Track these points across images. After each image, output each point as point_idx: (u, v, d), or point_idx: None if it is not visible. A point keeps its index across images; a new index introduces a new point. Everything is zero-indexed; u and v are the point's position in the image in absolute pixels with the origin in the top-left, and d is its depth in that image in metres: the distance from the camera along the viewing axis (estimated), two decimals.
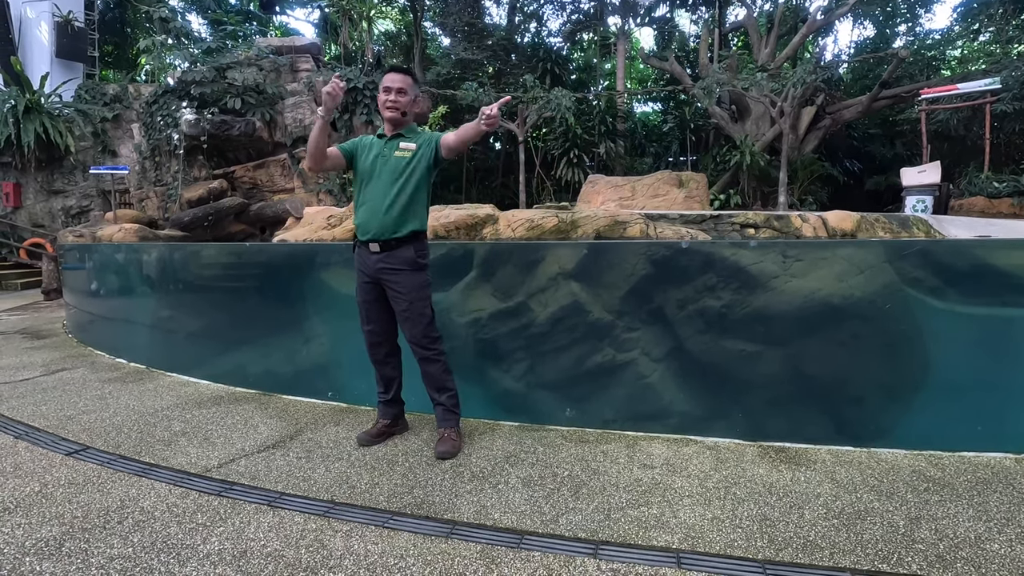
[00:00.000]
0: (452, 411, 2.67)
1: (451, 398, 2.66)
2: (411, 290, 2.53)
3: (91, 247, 5.86)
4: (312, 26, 23.63)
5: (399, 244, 2.52)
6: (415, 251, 2.54)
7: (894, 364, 2.61)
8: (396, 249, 2.52)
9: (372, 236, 2.53)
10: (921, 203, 8.99)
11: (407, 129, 2.62)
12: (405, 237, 2.52)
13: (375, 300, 2.63)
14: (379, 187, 2.54)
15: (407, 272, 2.52)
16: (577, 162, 15.14)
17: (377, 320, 2.65)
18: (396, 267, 2.52)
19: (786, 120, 12.69)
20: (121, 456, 2.60)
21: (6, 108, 11.47)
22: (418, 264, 2.55)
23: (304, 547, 1.82)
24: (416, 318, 2.55)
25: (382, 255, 2.53)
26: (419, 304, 2.55)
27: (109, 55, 18.03)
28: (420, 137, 2.61)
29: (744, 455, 2.53)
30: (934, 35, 17.99)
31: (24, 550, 1.81)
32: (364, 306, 2.66)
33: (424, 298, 2.58)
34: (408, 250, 2.53)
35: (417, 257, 2.55)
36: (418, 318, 2.55)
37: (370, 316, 2.65)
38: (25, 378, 4.06)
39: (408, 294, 2.53)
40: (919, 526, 1.91)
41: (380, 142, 2.62)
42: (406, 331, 2.60)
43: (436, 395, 2.66)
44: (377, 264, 2.55)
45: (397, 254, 2.52)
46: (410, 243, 2.53)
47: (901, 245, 2.77)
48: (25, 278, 11.32)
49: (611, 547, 1.82)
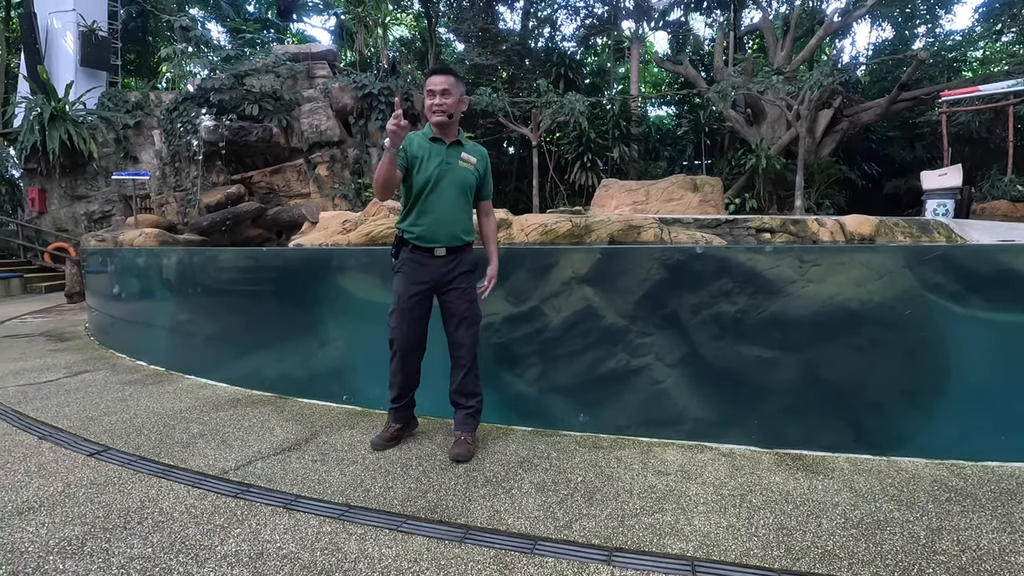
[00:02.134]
0: (475, 417, 2.68)
1: (479, 403, 2.69)
2: (471, 290, 2.63)
3: (112, 251, 5.98)
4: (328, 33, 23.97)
5: (463, 250, 2.62)
6: (471, 255, 2.67)
7: (914, 371, 2.57)
8: (461, 254, 2.61)
9: (441, 244, 2.55)
10: (942, 207, 8.83)
11: (460, 135, 2.63)
12: (467, 245, 2.64)
13: (425, 306, 2.63)
14: (448, 197, 2.53)
15: (470, 274, 2.63)
16: (591, 166, 15.13)
17: (420, 327, 2.65)
18: (463, 270, 2.61)
19: (803, 123, 12.56)
20: (141, 457, 2.65)
21: (32, 116, 11.77)
22: (476, 266, 2.67)
23: (319, 550, 1.84)
24: (476, 318, 2.65)
25: (447, 258, 2.57)
26: (476, 305, 2.66)
27: (131, 63, 18.43)
28: (476, 152, 2.65)
29: (760, 462, 2.50)
30: (955, 36, 17.71)
31: (48, 549, 1.85)
32: (409, 313, 2.58)
33: (477, 299, 2.68)
34: (469, 253, 2.65)
35: (474, 264, 2.67)
36: (476, 318, 2.65)
37: (417, 322, 2.62)
38: (49, 380, 4.16)
39: (470, 293, 2.62)
40: (941, 537, 1.87)
41: (440, 148, 2.54)
42: (464, 334, 2.61)
43: (466, 400, 2.67)
44: (443, 268, 2.57)
45: (462, 258, 2.61)
46: (470, 248, 2.67)
47: (921, 250, 2.72)
48: (49, 281, 11.59)
49: (625, 554, 1.81)
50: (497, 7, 19.88)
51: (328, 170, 12.37)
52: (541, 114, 14.38)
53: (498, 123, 15.71)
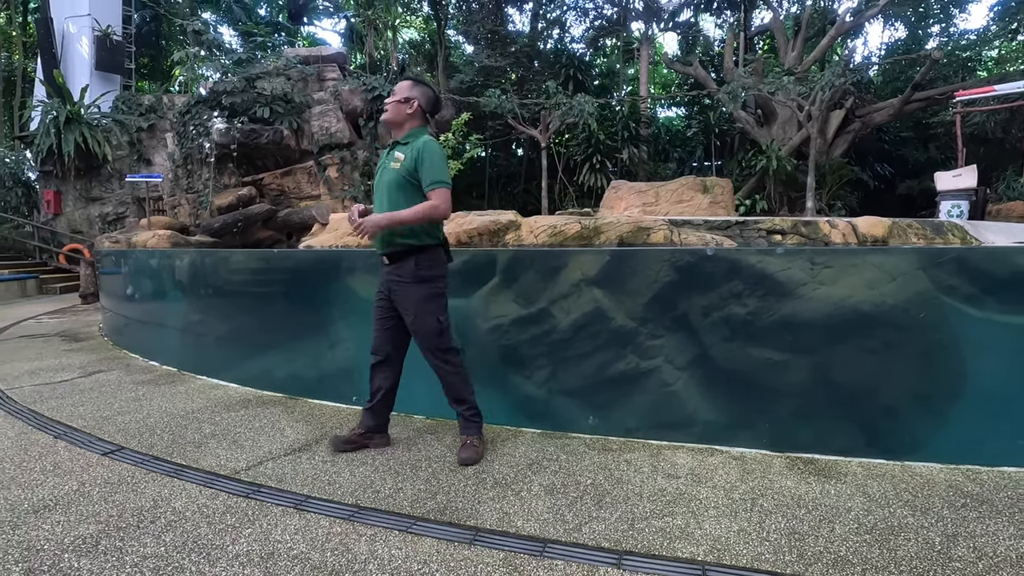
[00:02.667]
0: (472, 420, 2.66)
1: (469, 409, 2.66)
2: (415, 302, 2.53)
3: (125, 253, 6.06)
4: (338, 36, 24.13)
5: (401, 257, 2.54)
6: (416, 264, 2.53)
7: (929, 374, 2.53)
8: (400, 262, 2.54)
9: (379, 249, 2.60)
10: (956, 208, 8.71)
11: (406, 135, 2.59)
12: (407, 250, 2.53)
13: (384, 310, 2.66)
14: (379, 200, 2.58)
15: (409, 284, 2.53)
16: (600, 168, 15.10)
17: (381, 330, 2.68)
18: (400, 280, 2.54)
19: (814, 124, 12.47)
20: (154, 457, 2.68)
21: (49, 119, 11.94)
22: (419, 276, 2.53)
23: (329, 550, 1.85)
24: (423, 330, 2.56)
25: (390, 267, 2.58)
26: (424, 316, 2.54)
27: (145, 67, 18.66)
28: (413, 147, 2.52)
29: (771, 466, 2.48)
30: (969, 35, 17.49)
31: (63, 547, 1.87)
32: (375, 313, 2.71)
33: (429, 311, 2.55)
34: (409, 263, 2.53)
35: (418, 270, 2.53)
36: (425, 330, 2.55)
37: (377, 324, 2.69)
38: (64, 379, 4.21)
39: (412, 306, 2.54)
40: (956, 543, 1.85)
41: (386, 152, 2.67)
42: (418, 342, 2.62)
43: (455, 405, 2.67)
44: (386, 276, 2.61)
45: (402, 267, 2.54)
46: (411, 255, 2.53)
47: (936, 252, 2.69)
48: (64, 282, 11.74)
49: (635, 557, 1.81)
50: (506, 9, 19.92)
51: (338, 172, 12.45)
52: (550, 116, 14.39)
53: (507, 125, 15.74)
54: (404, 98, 2.57)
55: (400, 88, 2.61)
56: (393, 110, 2.58)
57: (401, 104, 2.57)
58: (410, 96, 2.58)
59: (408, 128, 2.59)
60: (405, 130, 2.59)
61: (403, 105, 2.57)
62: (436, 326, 2.56)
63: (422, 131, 2.61)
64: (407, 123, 2.59)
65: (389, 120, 2.61)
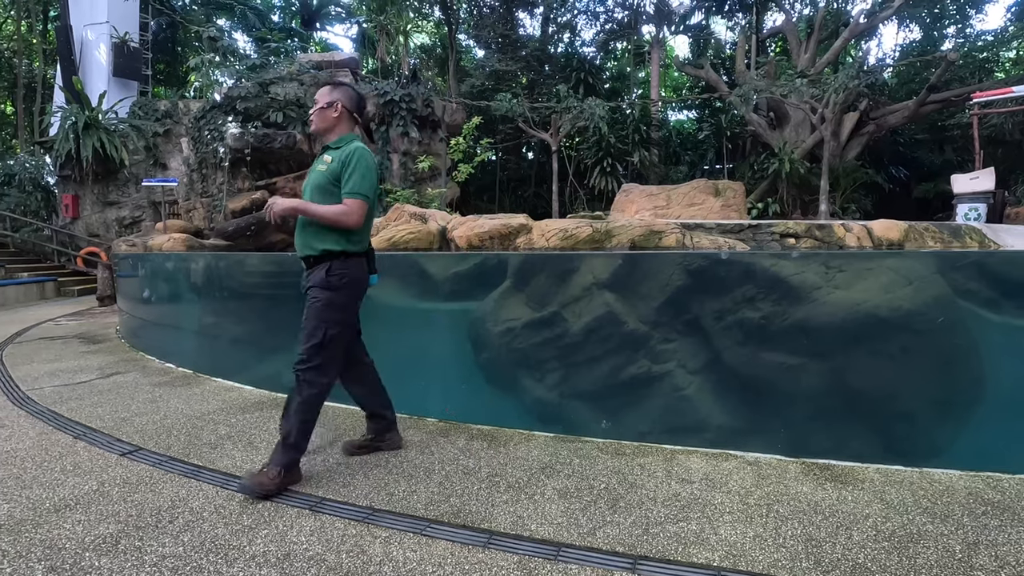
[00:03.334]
0: (285, 450, 2.34)
1: (292, 437, 2.34)
2: (312, 305, 2.41)
3: (142, 256, 6.15)
4: (350, 41, 24.36)
5: (315, 263, 2.44)
6: (327, 272, 2.40)
7: (947, 379, 2.50)
8: (314, 268, 2.44)
9: (298, 254, 2.50)
10: (974, 211, 8.59)
11: (337, 140, 2.50)
12: (319, 256, 2.42)
13: None
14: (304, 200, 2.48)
15: (317, 289, 2.41)
16: (610, 171, 15.08)
17: None
18: (311, 285, 2.44)
19: (827, 126, 12.36)
20: (171, 457, 2.71)
21: (67, 125, 12.15)
22: (328, 284, 2.39)
23: (344, 552, 1.86)
24: (306, 334, 2.39)
25: (306, 273, 2.49)
26: (314, 321, 2.39)
27: (161, 73, 18.96)
28: (342, 151, 2.44)
29: (787, 472, 2.46)
30: (986, 36, 17.26)
31: (84, 546, 1.90)
32: None
33: (322, 319, 2.38)
34: (322, 270, 2.41)
35: (329, 277, 2.40)
36: (308, 335, 2.38)
37: None
38: (82, 381, 4.28)
39: (308, 308, 2.42)
40: (977, 552, 1.82)
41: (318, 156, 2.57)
42: (300, 345, 2.42)
43: (283, 423, 2.39)
44: (304, 282, 2.50)
45: (315, 272, 2.43)
46: (325, 262, 2.42)
47: (954, 256, 2.66)
48: (81, 285, 11.93)
49: (650, 562, 1.80)
50: (517, 13, 19.99)
51: None
52: (561, 119, 14.41)
53: (518, 128, 15.78)
54: (327, 103, 2.49)
55: (321, 95, 2.52)
56: (318, 118, 2.50)
57: (325, 110, 2.49)
58: (332, 100, 2.50)
59: (338, 133, 2.51)
60: (336, 135, 2.51)
61: (327, 111, 2.49)
62: (320, 337, 2.37)
63: (353, 137, 2.53)
64: (336, 128, 2.51)
65: (317, 129, 2.54)
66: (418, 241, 4.43)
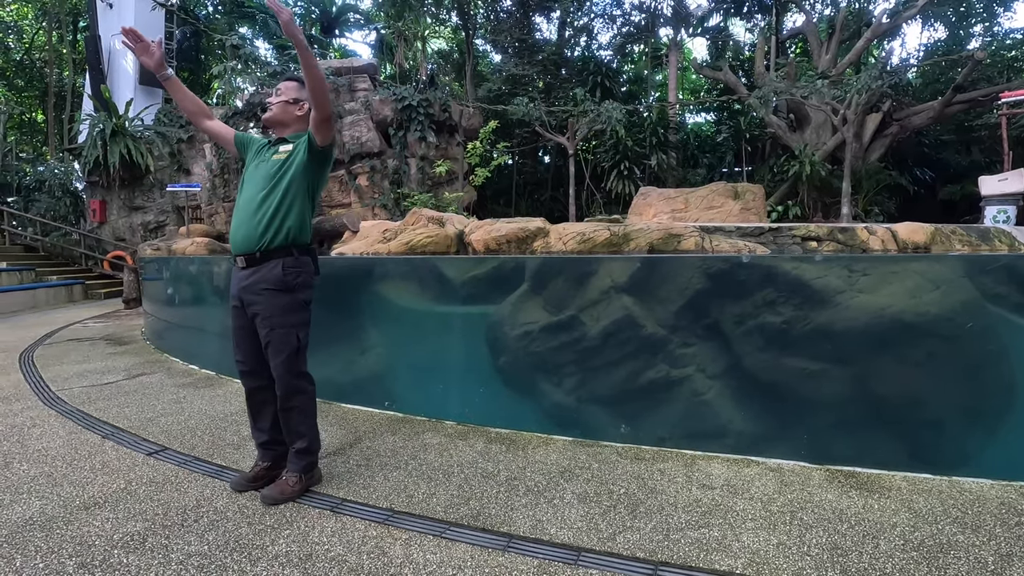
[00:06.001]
0: (300, 456, 2.32)
1: (306, 444, 2.32)
2: (274, 313, 2.22)
3: (166, 260, 6.28)
4: (369, 47, 24.63)
5: (265, 259, 2.23)
6: (283, 268, 2.23)
7: (976, 386, 2.44)
8: (262, 264, 2.23)
9: (237, 249, 2.26)
10: (1003, 213, 8.37)
11: (292, 135, 2.38)
12: (272, 251, 2.22)
13: (242, 326, 2.31)
14: (250, 192, 2.29)
15: (271, 292, 2.21)
16: (628, 174, 15.01)
17: (245, 349, 2.33)
18: (260, 286, 2.22)
19: (849, 128, 12.16)
20: (196, 458, 2.76)
21: (96, 132, 12.49)
22: (286, 284, 2.23)
23: (366, 553, 1.87)
24: (279, 347, 2.23)
25: (248, 271, 2.25)
26: (282, 331, 2.22)
27: (185, 81, 19.29)
28: (300, 141, 2.31)
29: (810, 478, 2.42)
30: (1015, 34, 16.85)
31: (112, 543, 1.94)
32: (234, 332, 2.34)
33: (290, 324, 2.24)
34: (276, 266, 2.22)
35: (285, 275, 2.23)
36: (282, 347, 2.23)
37: (238, 343, 2.34)
38: (109, 382, 4.38)
39: (270, 318, 2.21)
40: (1011, 564, 1.77)
41: (265, 144, 2.42)
42: (271, 360, 2.26)
43: (288, 438, 2.34)
44: (242, 283, 2.26)
45: (262, 271, 2.22)
46: (278, 258, 2.23)
47: (983, 259, 2.60)
48: (108, 288, 12.22)
49: (671, 569, 1.78)
50: (534, 18, 20.03)
51: (368, 180, 12.67)
52: (578, 123, 14.38)
53: (534, 132, 15.79)
54: (293, 99, 2.38)
55: (287, 88, 2.40)
56: (280, 110, 2.37)
57: (290, 105, 2.38)
58: (299, 98, 2.39)
59: (294, 130, 2.40)
60: (290, 131, 2.40)
61: (292, 106, 2.38)
62: (295, 344, 2.25)
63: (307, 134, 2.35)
64: (294, 125, 2.40)
65: (274, 119, 2.38)
66: (436, 245, 4.45)
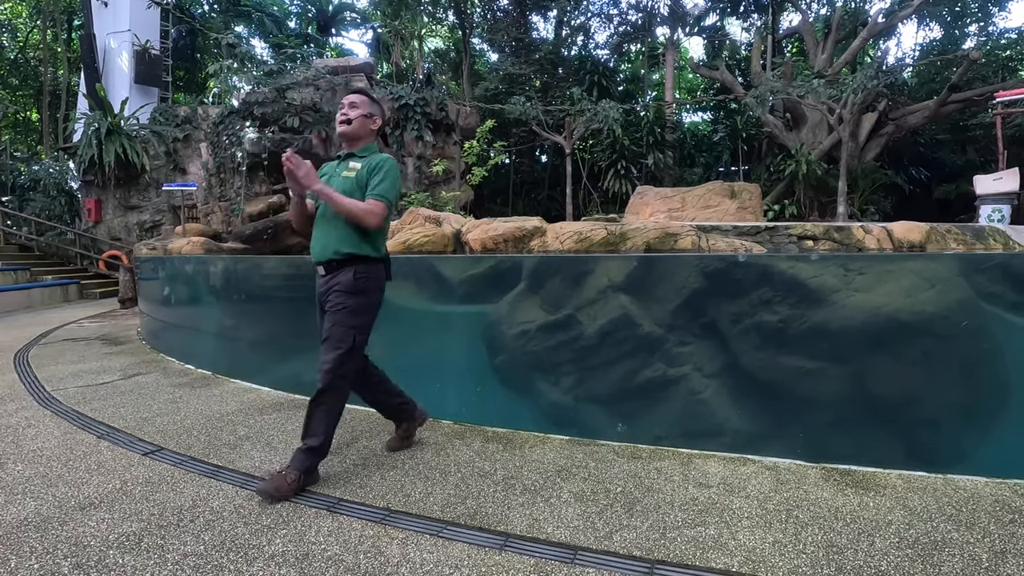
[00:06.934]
0: (306, 454, 2.36)
1: (315, 441, 2.36)
2: (340, 312, 2.40)
3: (162, 259, 6.26)
4: (365, 46, 24.60)
5: (340, 267, 2.44)
6: (354, 275, 2.42)
7: (971, 384, 2.46)
8: (337, 272, 2.44)
9: (317, 258, 2.50)
10: (997, 212, 8.42)
11: (361, 149, 2.55)
12: (345, 259, 2.43)
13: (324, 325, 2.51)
14: (324, 208, 2.48)
15: (343, 294, 2.41)
16: (624, 173, 15.02)
17: None
18: (335, 289, 2.43)
19: (845, 127, 12.20)
20: (192, 458, 2.75)
21: (91, 131, 12.43)
22: (354, 288, 2.41)
23: (362, 553, 1.87)
24: (334, 342, 2.38)
25: (327, 278, 2.47)
26: (343, 329, 2.39)
27: (181, 79, 19.28)
28: (371, 160, 2.50)
29: (806, 477, 2.43)
30: (1009, 34, 16.91)
31: (108, 543, 1.94)
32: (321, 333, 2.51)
33: (351, 325, 2.40)
34: (348, 273, 2.42)
35: (356, 280, 2.42)
36: (337, 342, 2.38)
37: None
38: (105, 381, 4.36)
39: (335, 315, 2.40)
40: (1005, 561, 1.78)
41: (334, 164, 2.59)
42: (322, 353, 2.40)
43: (303, 432, 2.40)
44: (322, 287, 2.49)
45: (338, 276, 2.43)
46: (350, 266, 2.43)
47: (978, 258, 2.61)
48: (103, 287, 12.17)
49: (667, 567, 1.79)
50: (530, 17, 20.03)
51: None
52: (575, 122, 14.40)
53: (531, 132, 15.79)
54: (368, 113, 2.54)
55: (362, 102, 2.55)
56: (359, 124, 2.53)
57: (367, 119, 2.54)
58: (372, 112, 2.56)
59: (366, 142, 2.56)
60: (362, 143, 2.56)
61: (368, 120, 2.54)
62: (351, 344, 2.39)
63: (376, 148, 2.59)
64: (367, 138, 2.57)
65: (353, 133, 2.53)
66: (433, 244, 4.45)
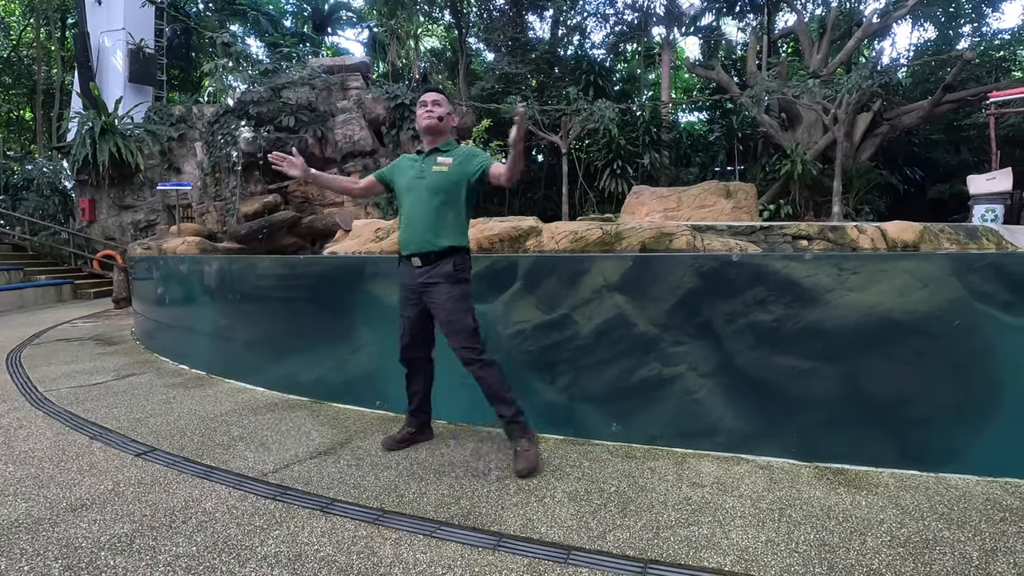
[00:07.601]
0: (513, 421, 2.61)
1: (509, 410, 2.61)
2: (449, 301, 2.58)
3: (156, 259, 6.23)
4: (361, 45, 24.55)
5: (439, 258, 2.60)
6: (454, 265, 2.60)
7: (963, 383, 2.46)
8: (436, 263, 2.60)
9: (413, 251, 2.63)
10: (991, 212, 8.46)
11: (444, 143, 2.72)
12: (444, 251, 2.59)
13: (416, 316, 2.71)
14: (418, 203, 2.64)
15: (445, 285, 2.59)
16: (620, 173, 15.03)
17: (412, 334, 2.76)
18: (435, 280, 2.60)
19: (840, 127, 12.23)
20: (185, 458, 2.74)
21: (84, 130, 12.37)
22: (456, 277, 2.60)
23: (355, 553, 1.87)
24: (458, 329, 2.59)
25: (423, 269, 2.62)
26: (460, 315, 2.59)
27: (175, 78, 19.20)
28: (458, 152, 2.69)
29: (799, 476, 2.44)
30: (1003, 35, 17.01)
31: (99, 545, 1.93)
32: (405, 320, 2.75)
33: (464, 309, 2.61)
34: (447, 264, 2.59)
35: (455, 271, 2.60)
36: (460, 329, 2.59)
37: (408, 329, 2.75)
38: (98, 382, 4.34)
39: (446, 304, 2.58)
40: (995, 559, 1.79)
41: (419, 158, 2.75)
42: (451, 342, 2.63)
43: (495, 407, 2.64)
44: (418, 278, 2.64)
45: (437, 268, 2.60)
46: (449, 257, 2.60)
47: (971, 258, 2.62)
48: (97, 287, 12.11)
49: (660, 566, 1.79)
50: (527, 16, 20.00)
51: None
52: (571, 122, 14.39)
53: (528, 131, 15.78)
54: (448, 112, 2.75)
55: (444, 101, 2.74)
56: (445, 122, 2.72)
57: (449, 116, 2.74)
58: (451, 111, 2.77)
59: (446, 137, 2.75)
60: (443, 139, 2.73)
61: (450, 117, 2.75)
62: (472, 324, 2.61)
63: (454, 141, 2.80)
64: (447, 133, 2.76)
65: (438, 129, 2.70)
66: None
